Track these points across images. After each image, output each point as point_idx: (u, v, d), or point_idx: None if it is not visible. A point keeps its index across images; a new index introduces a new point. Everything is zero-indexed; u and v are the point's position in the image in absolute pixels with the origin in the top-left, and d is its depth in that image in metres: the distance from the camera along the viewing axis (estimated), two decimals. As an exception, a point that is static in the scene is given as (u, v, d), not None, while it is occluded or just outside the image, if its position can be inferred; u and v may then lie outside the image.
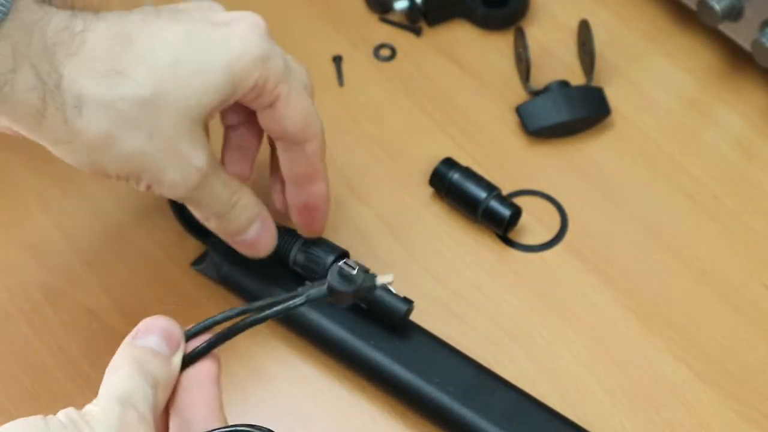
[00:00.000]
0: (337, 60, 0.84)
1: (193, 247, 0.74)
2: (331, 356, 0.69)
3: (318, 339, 0.69)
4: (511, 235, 0.75)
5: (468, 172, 0.75)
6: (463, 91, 0.82)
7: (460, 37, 0.86)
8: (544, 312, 0.72)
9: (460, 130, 0.80)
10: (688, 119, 0.81)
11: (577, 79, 0.82)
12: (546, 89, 0.80)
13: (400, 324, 0.67)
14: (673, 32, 0.85)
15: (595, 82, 0.82)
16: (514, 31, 0.83)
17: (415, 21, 0.86)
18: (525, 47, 0.80)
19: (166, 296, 0.73)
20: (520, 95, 0.82)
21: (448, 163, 0.76)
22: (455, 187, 0.75)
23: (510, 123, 0.81)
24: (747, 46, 0.78)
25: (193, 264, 0.73)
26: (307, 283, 0.54)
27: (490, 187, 0.75)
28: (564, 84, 0.80)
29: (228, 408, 0.68)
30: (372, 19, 0.87)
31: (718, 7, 0.76)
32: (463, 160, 0.77)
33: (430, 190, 0.77)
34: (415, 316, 0.69)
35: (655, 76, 0.83)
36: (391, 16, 0.87)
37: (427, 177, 0.76)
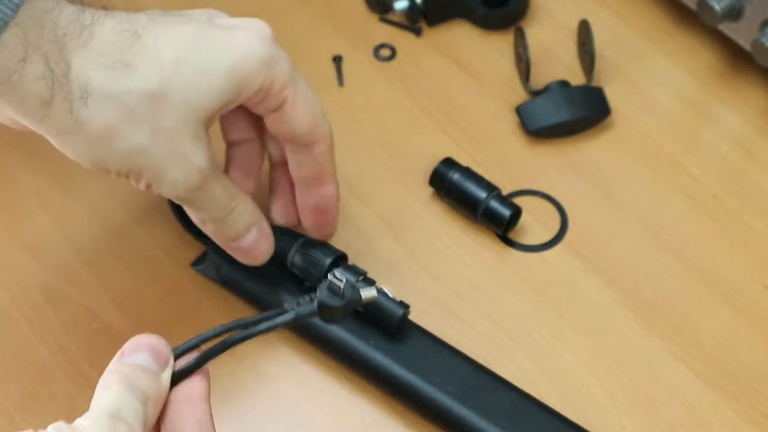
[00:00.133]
0: (337, 60, 0.84)
1: (193, 248, 0.74)
2: (331, 356, 0.69)
3: (318, 339, 0.69)
4: (511, 235, 0.75)
5: (468, 172, 0.75)
6: (463, 91, 0.82)
7: (460, 37, 0.85)
8: (544, 312, 0.72)
9: (460, 130, 0.80)
10: (688, 119, 0.81)
11: (577, 79, 0.82)
12: (546, 89, 0.80)
13: (396, 328, 0.67)
14: (673, 32, 0.85)
15: (595, 82, 0.82)
16: (514, 31, 0.83)
17: (415, 21, 0.86)
18: (525, 47, 0.80)
19: (166, 296, 0.73)
20: (520, 95, 0.82)
21: (448, 163, 0.76)
22: (455, 187, 0.75)
23: (510, 123, 0.81)
24: (747, 46, 0.78)
25: (193, 264, 0.73)
26: (286, 304, 0.54)
27: (490, 187, 0.75)
28: (564, 84, 0.80)
29: (228, 408, 0.68)
30: (372, 19, 0.87)
31: (718, 7, 0.76)
32: (463, 160, 0.77)
33: (430, 190, 0.77)
34: (415, 316, 0.69)
35: (655, 76, 0.83)
36: (391, 16, 0.87)
37: (427, 177, 0.76)
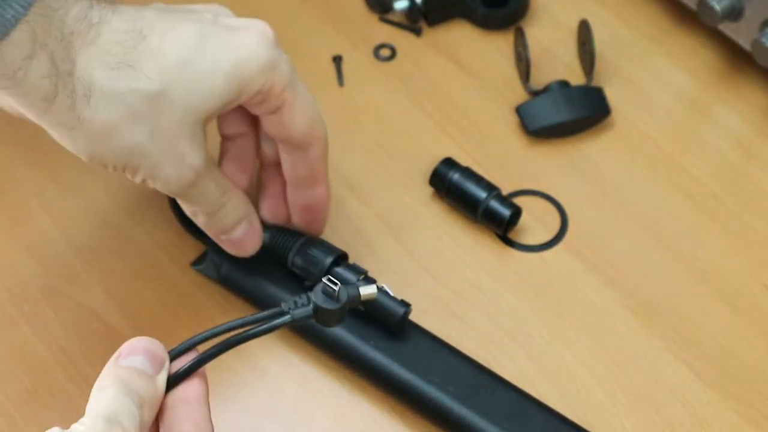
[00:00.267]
0: (337, 60, 0.84)
1: (193, 247, 0.74)
2: (330, 356, 0.69)
3: (318, 339, 0.69)
4: (511, 235, 0.75)
5: (468, 172, 0.75)
6: (463, 91, 0.82)
7: (460, 37, 0.85)
8: (544, 312, 0.72)
9: (460, 130, 0.80)
10: (688, 119, 0.81)
11: (577, 79, 0.82)
12: (546, 89, 0.80)
13: (397, 327, 0.67)
14: (673, 32, 0.85)
15: (595, 82, 0.82)
16: (514, 31, 0.83)
17: (415, 21, 0.86)
18: (525, 47, 0.80)
19: (166, 296, 0.73)
20: (520, 95, 0.82)
21: (448, 163, 0.76)
22: (455, 187, 0.75)
23: (510, 123, 0.81)
24: (747, 46, 0.78)
25: (193, 264, 0.73)
26: (283, 304, 0.54)
27: (490, 187, 0.75)
28: (564, 84, 0.80)
29: (228, 408, 0.68)
30: (372, 19, 0.87)
31: (718, 7, 0.76)
32: (463, 160, 0.77)
33: (430, 190, 0.77)
34: (415, 316, 0.69)
35: (655, 76, 0.83)
36: (391, 16, 0.87)
37: (427, 177, 0.76)
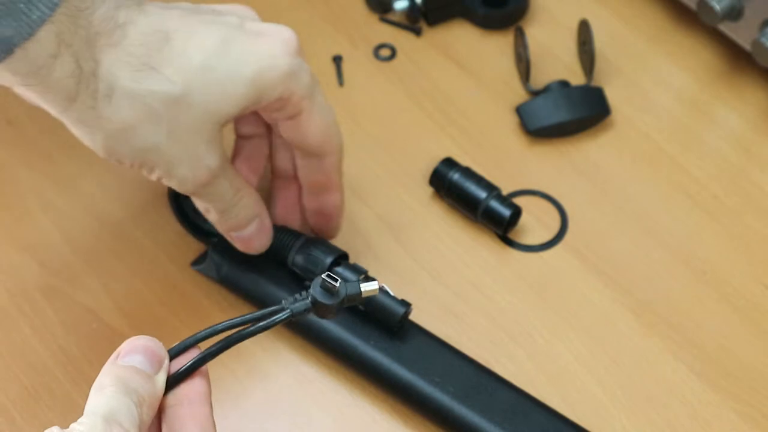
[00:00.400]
0: (337, 60, 0.84)
1: (193, 247, 0.74)
2: (331, 356, 0.69)
3: (318, 339, 0.69)
4: (511, 235, 0.75)
5: (468, 172, 0.75)
6: (463, 91, 0.82)
7: (460, 37, 0.85)
8: (544, 312, 0.72)
9: (460, 130, 0.80)
10: (688, 119, 0.81)
11: (577, 79, 0.82)
12: (546, 89, 0.80)
13: (397, 326, 0.67)
14: (673, 32, 0.85)
15: (595, 82, 0.82)
16: (514, 31, 0.83)
17: (415, 21, 0.86)
18: (525, 47, 0.80)
19: (166, 296, 0.73)
20: (520, 95, 0.82)
21: (448, 163, 0.76)
22: (455, 187, 0.75)
23: (510, 123, 0.81)
24: (747, 46, 0.78)
25: (193, 264, 0.73)
26: (283, 302, 0.54)
27: (490, 187, 0.75)
28: (564, 84, 0.80)
29: (228, 408, 0.68)
30: (372, 19, 0.87)
31: (718, 7, 0.76)
32: (463, 160, 0.77)
33: (430, 190, 0.77)
34: (415, 316, 0.69)
35: (655, 76, 0.83)
36: (391, 16, 0.87)
37: (427, 177, 0.76)
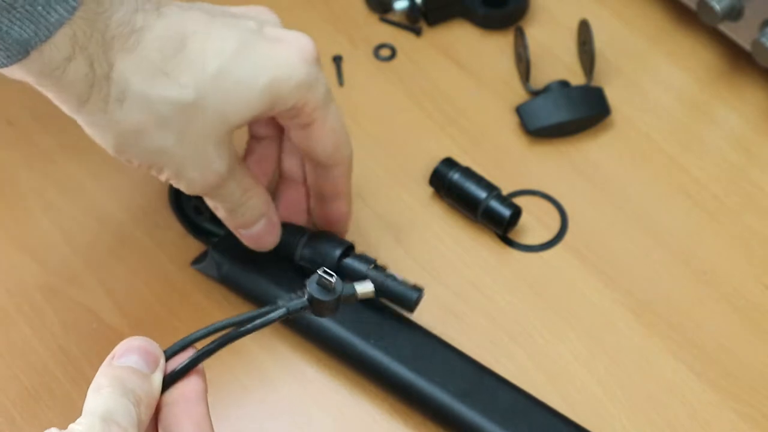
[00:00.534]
0: (337, 60, 0.84)
1: (193, 247, 0.74)
2: (331, 355, 0.69)
3: (318, 338, 0.69)
4: (511, 235, 0.75)
5: (468, 172, 0.75)
6: (463, 91, 0.82)
7: (460, 37, 0.85)
8: (544, 312, 0.72)
9: (460, 130, 0.80)
10: (688, 119, 0.81)
11: (577, 79, 0.82)
12: (546, 89, 0.80)
13: (411, 311, 0.68)
14: (673, 32, 0.85)
15: (595, 82, 0.82)
16: (514, 31, 0.83)
17: (415, 21, 0.86)
18: (525, 47, 0.80)
19: (166, 296, 0.73)
20: (520, 95, 0.82)
21: (448, 163, 0.76)
22: (455, 187, 0.75)
23: (510, 123, 0.81)
24: (747, 46, 0.78)
25: (193, 263, 0.73)
26: (279, 301, 0.54)
27: (490, 187, 0.75)
28: (564, 84, 0.80)
29: (228, 408, 0.68)
30: (372, 19, 0.87)
31: (718, 7, 0.76)
32: (463, 160, 0.77)
33: (430, 190, 0.77)
34: (415, 316, 0.69)
35: (655, 76, 0.83)
36: (391, 16, 0.87)
37: (427, 177, 0.76)
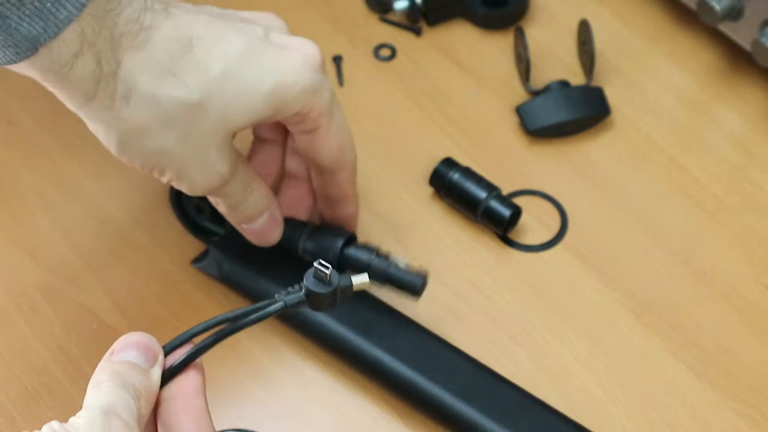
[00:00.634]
0: (337, 60, 0.84)
1: (193, 247, 0.74)
2: (331, 354, 0.69)
3: (319, 337, 0.69)
4: (511, 235, 0.75)
5: (468, 172, 0.75)
6: (463, 91, 0.82)
7: (460, 37, 0.85)
8: (544, 312, 0.72)
9: (460, 130, 0.80)
10: (688, 119, 0.81)
11: (577, 79, 0.82)
12: (546, 89, 0.80)
13: (417, 297, 0.68)
14: (673, 32, 0.85)
15: (595, 82, 0.82)
16: (514, 31, 0.83)
17: (415, 21, 0.86)
18: (525, 47, 0.80)
19: (166, 296, 0.73)
20: (520, 95, 0.82)
21: (448, 163, 0.76)
22: (455, 187, 0.75)
23: (510, 123, 0.81)
24: (747, 46, 0.78)
25: (194, 262, 0.73)
26: (276, 296, 0.55)
27: (490, 187, 0.75)
28: (564, 84, 0.80)
29: (228, 408, 0.68)
30: (372, 19, 0.87)
31: (718, 7, 0.76)
32: (463, 160, 0.77)
33: (430, 190, 0.77)
34: (415, 316, 0.69)
35: (655, 76, 0.83)
36: (391, 16, 0.87)
37: (427, 177, 0.76)
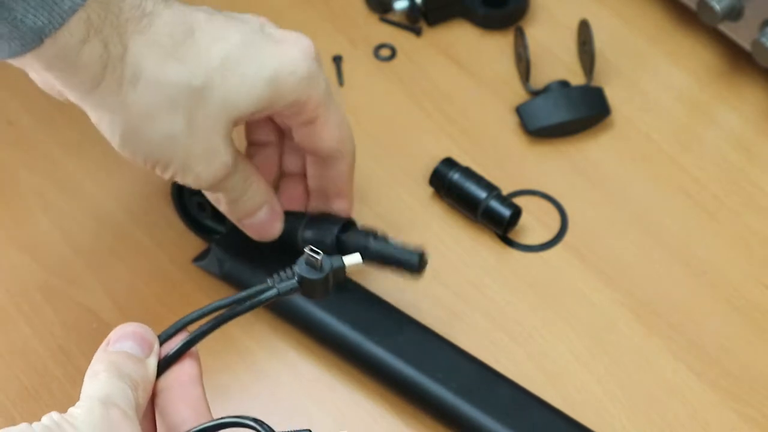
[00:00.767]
0: (337, 60, 0.84)
1: (193, 246, 0.74)
2: (331, 352, 0.69)
3: (319, 335, 0.69)
4: (511, 235, 0.75)
5: (468, 172, 0.75)
6: (463, 91, 0.82)
7: (460, 37, 0.85)
8: (544, 312, 0.72)
9: (460, 130, 0.80)
10: (688, 119, 0.81)
11: (577, 79, 0.82)
12: (546, 89, 0.80)
13: (417, 274, 0.68)
14: (673, 32, 0.85)
15: (595, 82, 0.82)
16: (514, 31, 0.83)
17: (415, 21, 0.86)
18: (525, 47, 0.80)
19: (167, 295, 0.73)
20: (520, 95, 0.82)
21: (448, 163, 0.76)
22: (455, 187, 0.75)
23: (510, 123, 0.81)
24: (747, 46, 0.78)
25: (195, 260, 0.73)
26: (269, 280, 0.55)
27: (490, 187, 0.75)
28: (564, 84, 0.80)
29: (227, 409, 0.68)
30: (372, 19, 0.87)
31: (718, 7, 0.76)
32: (463, 160, 0.77)
33: (430, 190, 0.77)
34: (415, 315, 0.69)
35: (655, 76, 0.83)
36: (391, 16, 0.87)
37: (427, 177, 0.76)
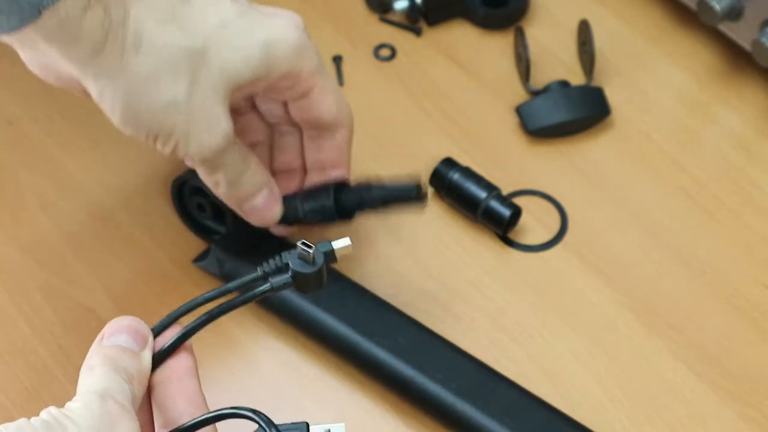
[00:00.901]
0: (337, 60, 0.84)
1: (193, 247, 0.74)
2: (332, 353, 0.69)
3: (319, 335, 0.69)
4: (511, 235, 0.75)
5: (468, 172, 0.75)
6: (463, 91, 0.82)
7: (460, 37, 0.85)
8: (544, 312, 0.72)
9: (460, 130, 0.80)
10: (688, 119, 0.81)
11: (577, 79, 0.82)
12: (546, 89, 0.80)
13: (419, 204, 0.69)
14: (673, 32, 0.85)
15: (595, 82, 0.82)
16: (514, 31, 0.83)
17: (415, 21, 0.86)
18: (525, 47, 0.80)
19: (167, 295, 0.73)
20: (520, 95, 0.82)
21: (448, 163, 0.76)
22: (455, 187, 0.75)
23: (510, 123, 0.81)
24: (747, 46, 0.78)
25: (195, 260, 0.73)
26: (259, 269, 0.55)
27: (490, 187, 0.75)
28: (564, 84, 0.80)
29: (221, 399, 0.68)
30: (372, 19, 0.87)
31: (718, 7, 0.76)
32: (463, 160, 0.77)
33: (430, 190, 0.77)
34: (415, 315, 0.69)
35: (655, 76, 0.83)
36: (391, 16, 0.87)
37: (427, 177, 0.76)
